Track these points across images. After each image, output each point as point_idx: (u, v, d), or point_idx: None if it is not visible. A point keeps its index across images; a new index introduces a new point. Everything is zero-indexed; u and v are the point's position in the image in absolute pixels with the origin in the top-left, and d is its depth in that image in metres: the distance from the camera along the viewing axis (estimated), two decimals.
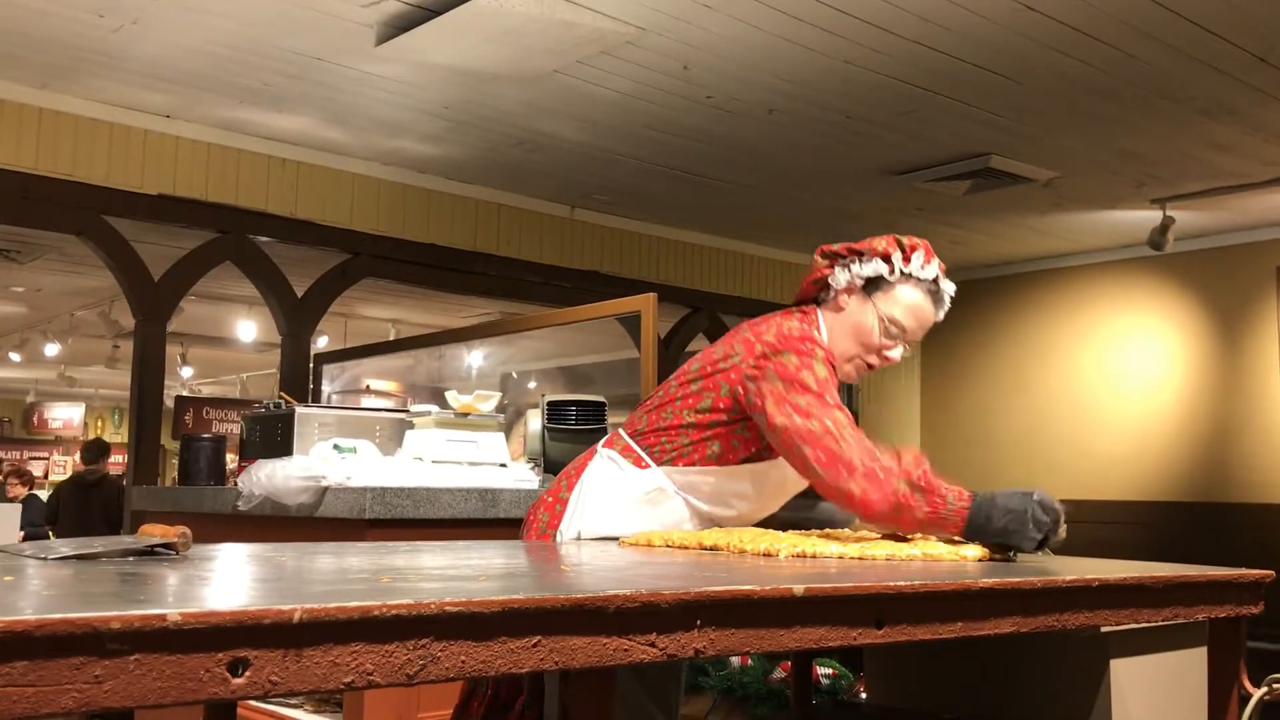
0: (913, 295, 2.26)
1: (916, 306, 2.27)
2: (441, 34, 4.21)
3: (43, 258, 7.45)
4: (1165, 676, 2.25)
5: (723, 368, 2.24)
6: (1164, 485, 7.37)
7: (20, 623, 0.84)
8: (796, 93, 4.88)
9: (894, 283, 2.25)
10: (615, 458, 2.31)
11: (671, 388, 2.33)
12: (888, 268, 2.24)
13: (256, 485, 3.33)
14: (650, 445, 2.29)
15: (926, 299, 2.28)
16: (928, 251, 2.29)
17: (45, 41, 4.49)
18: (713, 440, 2.24)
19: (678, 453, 2.26)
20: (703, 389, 2.26)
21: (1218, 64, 4.51)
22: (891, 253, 2.25)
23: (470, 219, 6.42)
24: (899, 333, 2.27)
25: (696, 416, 2.25)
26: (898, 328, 2.26)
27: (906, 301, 2.26)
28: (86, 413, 17.55)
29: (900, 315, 2.25)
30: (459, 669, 1.06)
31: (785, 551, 1.87)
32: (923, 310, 2.28)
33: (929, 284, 2.27)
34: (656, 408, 2.33)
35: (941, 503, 1.95)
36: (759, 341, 2.20)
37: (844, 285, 2.27)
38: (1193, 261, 7.30)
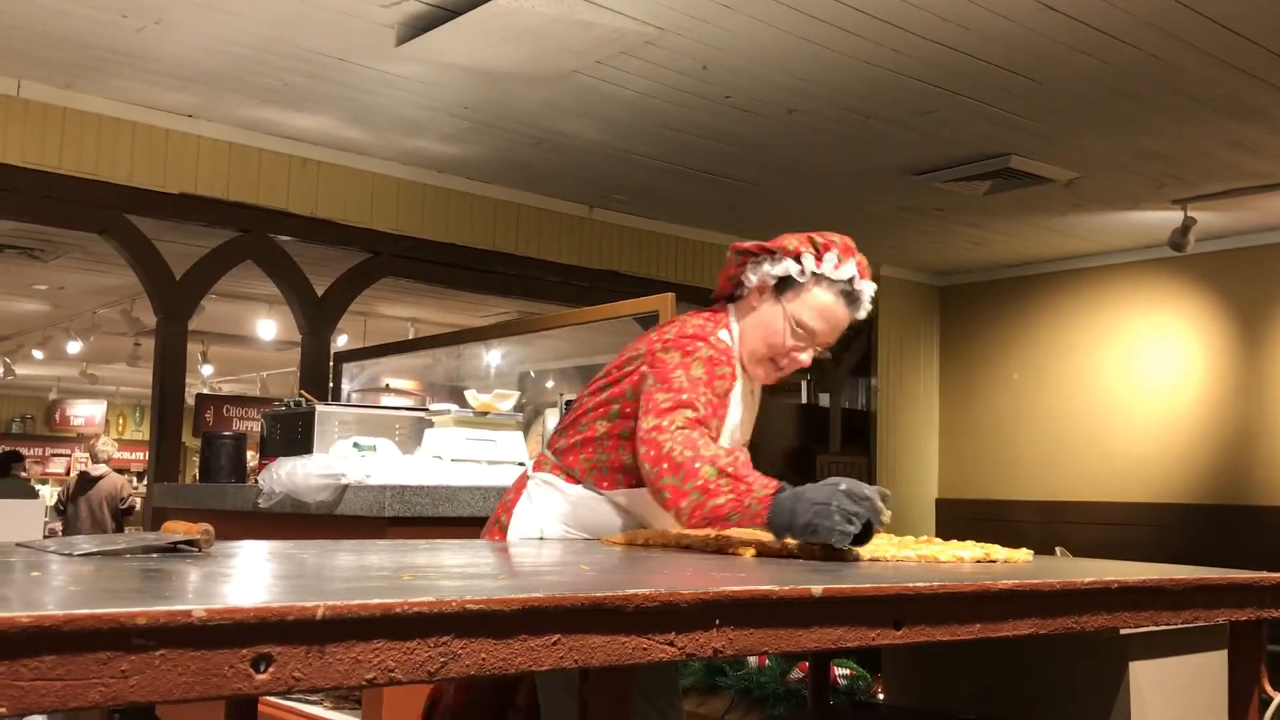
0: (823, 297, 2.17)
1: (826, 308, 2.17)
2: (461, 34, 4.22)
3: (65, 256, 7.51)
4: (1185, 679, 2.24)
5: (628, 370, 2.18)
6: (1184, 487, 7.33)
7: (49, 617, 0.86)
8: (816, 93, 4.87)
9: (804, 284, 2.16)
10: (549, 479, 2.24)
11: (585, 398, 2.26)
12: (798, 268, 2.16)
13: (277, 483, 3.35)
14: (571, 465, 2.22)
15: (839, 300, 2.18)
16: (844, 250, 2.19)
17: (68, 42, 4.52)
18: (626, 449, 2.15)
19: (599, 471, 2.19)
20: (611, 395, 2.19)
21: (1240, 63, 4.48)
22: (803, 252, 2.16)
23: (489, 218, 6.44)
24: (807, 335, 2.18)
25: (608, 425, 2.18)
26: (805, 330, 2.17)
27: (816, 303, 2.17)
28: (108, 410, 17.67)
29: (808, 318, 2.16)
30: (479, 666, 1.07)
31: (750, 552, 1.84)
32: (834, 312, 2.18)
33: (843, 285, 2.18)
34: (573, 422, 2.26)
35: (746, 491, 1.86)
36: (659, 340, 2.15)
37: (755, 284, 2.20)
38: (1214, 262, 7.25)
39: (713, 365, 2.10)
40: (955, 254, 7.94)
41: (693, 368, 2.07)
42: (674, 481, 1.92)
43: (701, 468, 1.90)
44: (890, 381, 8.35)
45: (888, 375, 8.33)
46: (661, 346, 2.13)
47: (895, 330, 8.40)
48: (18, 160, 4.96)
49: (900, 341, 8.44)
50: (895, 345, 8.40)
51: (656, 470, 1.96)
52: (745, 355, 2.21)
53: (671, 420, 1.99)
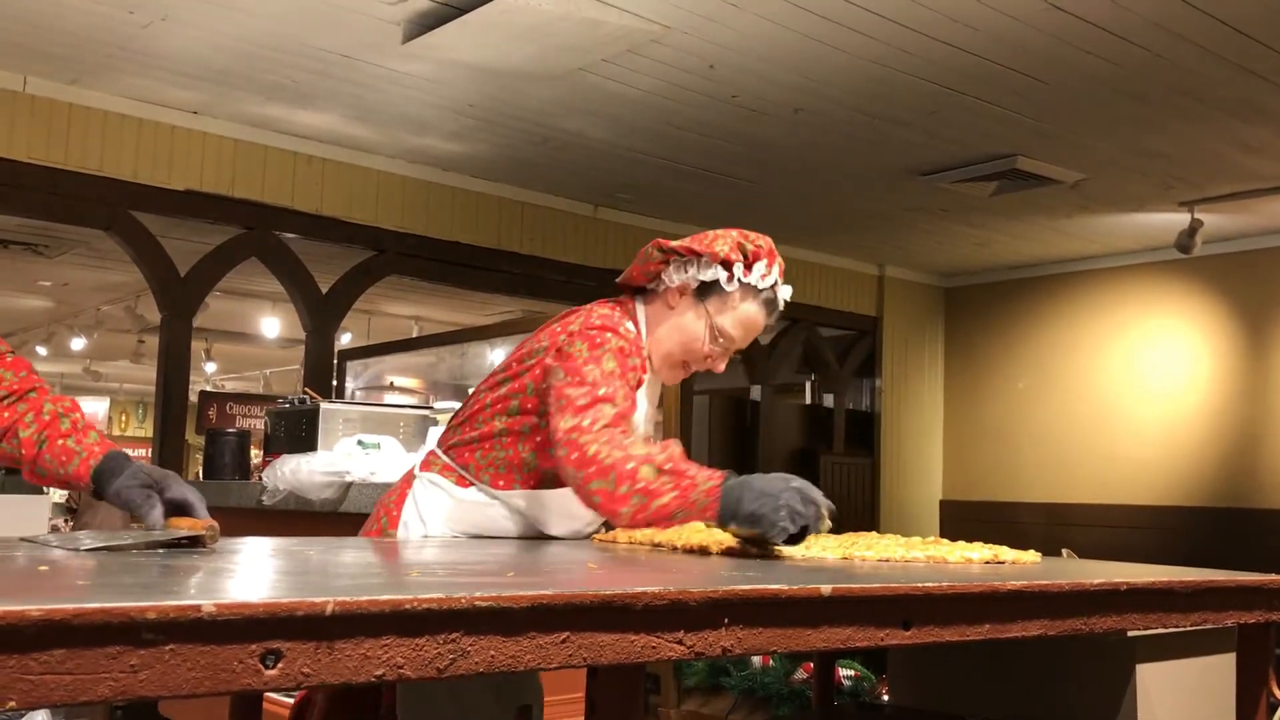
0: (748, 307, 2.13)
1: (748, 317, 2.13)
2: (468, 32, 4.22)
3: (70, 252, 7.52)
4: (1193, 682, 2.23)
5: (529, 364, 2.09)
6: (1190, 490, 7.32)
7: (59, 611, 0.85)
8: (822, 92, 4.87)
9: (730, 292, 2.11)
10: (436, 479, 2.15)
11: (481, 393, 2.17)
12: (726, 275, 2.10)
13: (281, 480, 3.35)
14: (466, 463, 2.13)
15: (761, 309, 2.14)
16: (770, 256, 2.15)
17: (75, 37, 4.52)
18: (529, 450, 2.07)
19: (494, 469, 2.10)
20: (510, 391, 2.10)
21: (1248, 65, 4.47)
22: (734, 260, 2.10)
23: (494, 217, 6.44)
24: (725, 342, 2.14)
25: (507, 421, 2.09)
26: (725, 337, 2.13)
27: (739, 313, 2.12)
28: (111, 407, 17.68)
29: (731, 326, 2.12)
30: (488, 663, 1.06)
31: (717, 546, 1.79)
32: (754, 321, 2.15)
33: (766, 292, 2.14)
34: (469, 417, 2.16)
35: (691, 485, 1.79)
36: (564, 332, 2.06)
37: (677, 285, 2.13)
38: (1220, 265, 7.24)
39: (624, 357, 2.01)
40: (961, 255, 7.94)
41: (604, 360, 1.98)
42: (605, 485, 1.83)
43: (638, 468, 1.81)
44: (895, 382, 8.34)
45: (892, 376, 8.32)
46: (567, 338, 2.03)
47: (900, 331, 8.39)
48: (23, 156, 4.96)
49: (905, 342, 8.43)
50: (900, 346, 8.40)
51: (583, 474, 1.86)
52: (656, 355, 2.15)
53: (592, 419, 1.90)
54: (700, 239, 2.15)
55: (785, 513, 1.70)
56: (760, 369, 7.72)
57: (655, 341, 2.15)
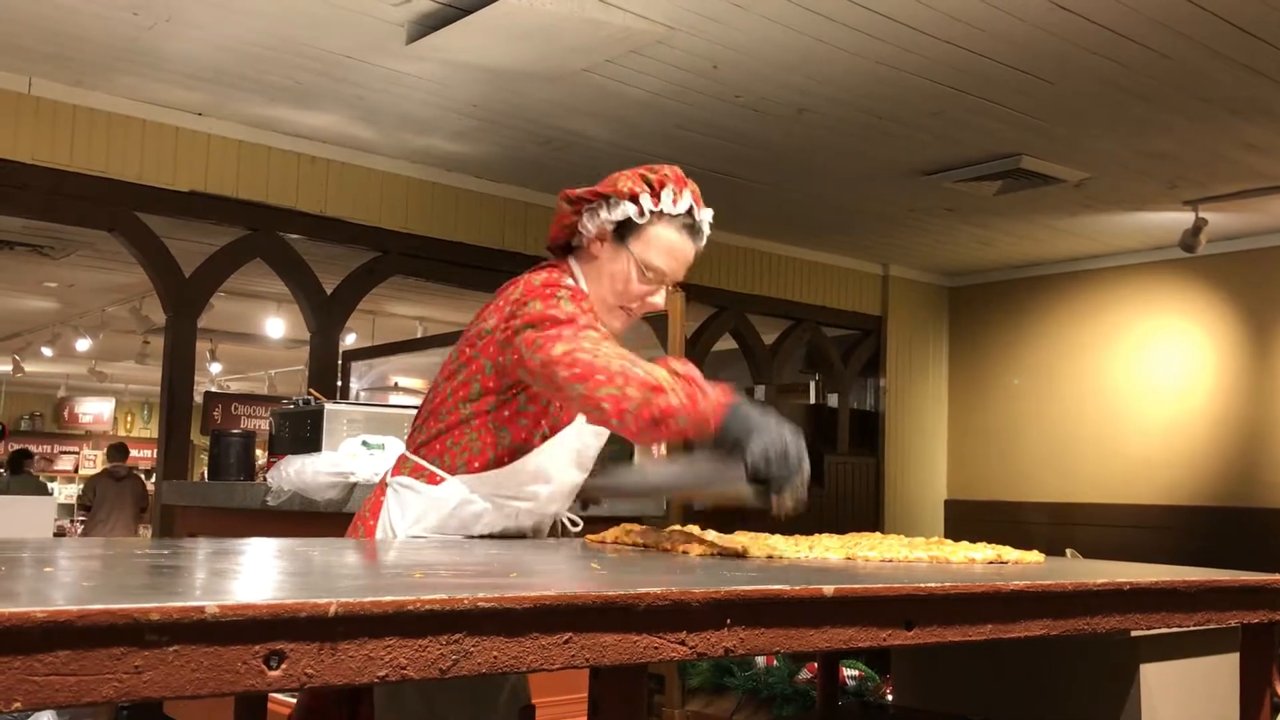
0: (667, 234, 2.08)
1: (672, 246, 2.09)
2: (471, 32, 4.22)
3: (75, 253, 7.53)
4: (1196, 681, 2.23)
5: (480, 344, 2.07)
6: (1194, 489, 7.31)
7: (63, 612, 0.86)
8: (826, 92, 4.87)
9: (645, 224, 2.07)
10: (407, 482, 2.12)
11: (440, 385, 2.14)
12: (636, 209, 2.06)
13: (286, 481, 3.36)
14: (438, 455, 2.10)
15: (683, 234, 2.10)
16: (678, 182, 2.10)
17: (79, 39, 4.53)
18: (499, 426, 2.05)
19: (469, 454, 2.07)
20: (468, 375, 2.08)
21: (1253, 64, 4.46)
22: (639, 192, 2.06)
23: (498, 217, 6.44)
24: (656, 276, 2.10)
25: (473, 406, 2.07)
26: (654, 271, 2.09)
27: (661, 242, 2.08)
28: (116, 408, 17.71)
29: (655, 258, 2.08)
30: (491, 664, 1.06)
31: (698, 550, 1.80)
32: (680, 248, 2.11)
33: (683, 218, 2.10)
34: (432, 413, 2.13)
35: (701, 393, 1.76)
36: (508, 304, 2.04)
37: (594, 232, 2.10)
38: (1224, 264, 7.23)
39: (579, 301, 1.98)
40: (965, 254, 7.93)
41: (563, 305, 1.95)
42: (614, 391, 1.78)
43: (652, 370, 1.78)
44: (899, 382, 8.33)
45: (896, 376, 8.32)
46: (515, 306, 2.01)
47: (904, 331, 8.38)
48: (28, 158, 4.98)
49: (909, 342, 8.43)
50: (904, 346, 8.39)
51: (590, 382, 1.80)
52: (596, 305, 2.09)
53: (585, 335, 1.88)
54: (605, 182, 2.12)
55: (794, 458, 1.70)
56: (764, 369, 7.72)
57: (591, 294, 2.12)
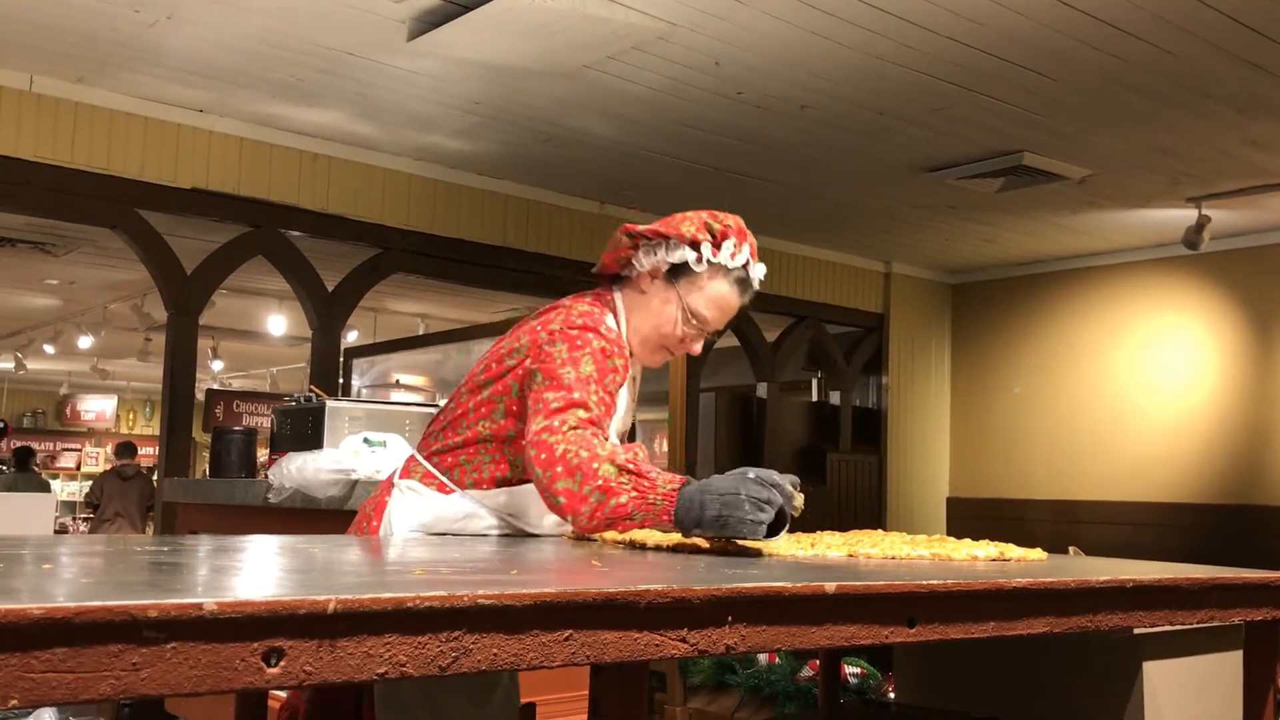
0: (720, 287, 2.10)
1: (722, 298, 2.11)
2: (473, 29, 4.22)
3: (77, 251, 7.53)
4: (1199, 679, 2.23)
5: (510, 365, 2.05)
6: (1197, 487, 7.30)
7: (60, 609, 0.85)
8: (828, 89, 4.86)
9: (700, 273, 2.09)
10: (415, 487, 2.10)
11: (463, 396, 2.12)
12: (695, 256, 2.08)
13: (287, 478, 3.36)
14: (449, 468, 2.09)
15: (734, 289, 2.11)
16: (739, 235, 2.12)
17: (81, 36, 4.53)
18: (516, 455, 2.03)
19: (479, 473, 2.07)
20: (494, 394, 2.06)
21: (1257, 60, 4.45)
22: (700, 241, 2.08)
23: (500, 214, 6.44)
24: (700, 324, 2.11)
25: (492, 427, 2.06)
26: (699, 319, 2.10)
27: (712, 294, 2.10)
28: (118, 405, 17.72)
29: (703, 307, 2.10)
30: (491, 661, 1.06)
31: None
32: (728, 301, 2.12)
33: (738, 272, 2.11)
34: (451, 423, 2.11)
35: (650, 487, 1.76)
36: (544, 330, 2.03)
37: (647, 269, 2.11)
38: (1228, 261, 7.22)
39: (605, 358, 1.97)
40: (967, 251, 7.92)
41: (582, 363, 1.95)
42: (570, 485, 1.79)
43: (600, 467, 1.78)
44: (901, 380, 8.32)
45: (899, 373, 8.31)
46: (548, 338, 2.00)
47: (907, 328, 8.38)
48: (29, 155, 4.97)
49: (912, 339, 8.42)
50: (907, 343, 8.38)
51: (550, 474, 1.82)
52: (635, 341, 2.12)
53: (563, 420, 1.87)
54: (668, 221, 2.13)
55: (750, 506, 1.66)
56: (766, 366, 7.71)
57: (631, 327, 2.14)
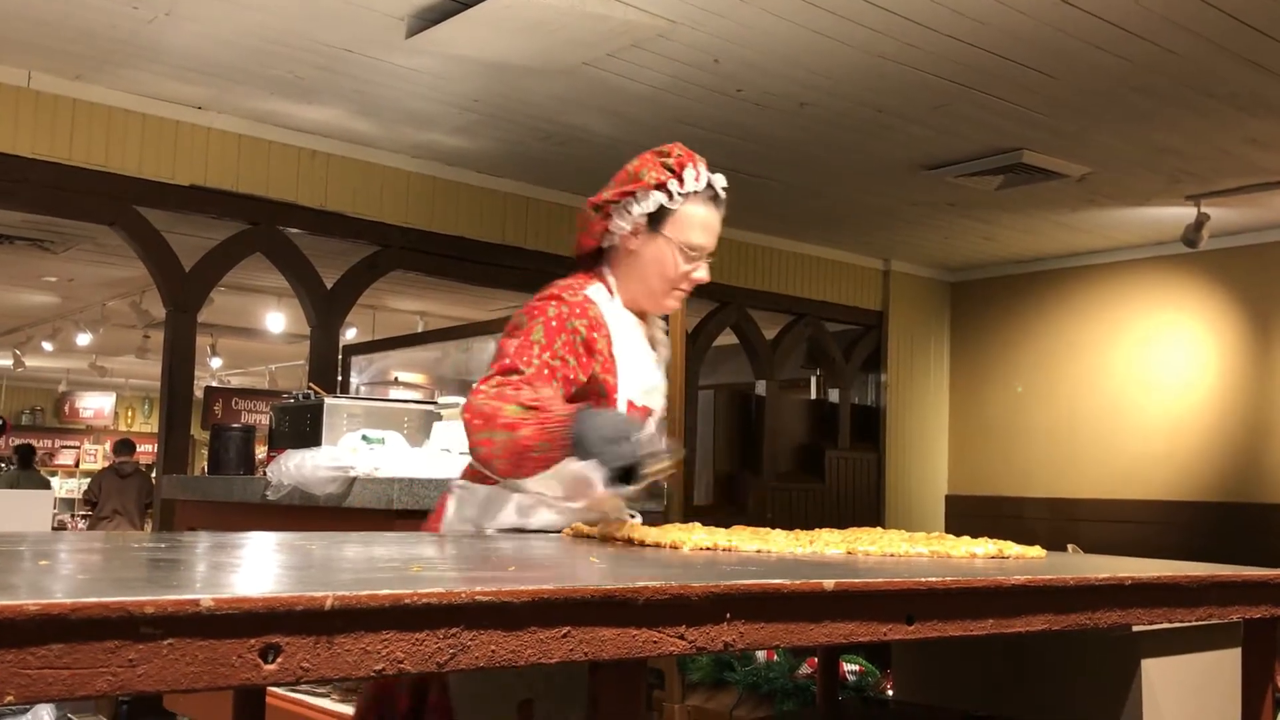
0: (697, 211, 2.17)
1: (704, 220, 2.18)
2: (472, 26, 4.21)
3: (75, 248, 7.53)
4: (1198, 677, 2.23)
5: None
6: (1196, 485, 7.30)
7: (56, 606, 0.85)
8: (828, 86, 4.85)
9: (677, 209, 2.16)
10: (463, 484, 2.19)
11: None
12: (666, 196, 2.15)
13: (285, 475, 3.35)
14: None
15: (709, 206, 2.19)
16: (690, 158, 2.20)
17: (78, 33, 4.52)
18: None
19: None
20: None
21: (1256, 59, 4.45)
22: (665, 180, 2.16)
23: (499, 212, 6.43)
24: (697, 253, 2.18)
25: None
26: (695, 249, 2.17)
27: (695, 220, 2.17)
28: (117, 402, 17.71)
29: (693, 236, 2.16)
30: (489, 658, 1.06)
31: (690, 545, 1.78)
32: (710, 220, 2.19)
33: (706, 192, 2.19)
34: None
35: (548, 418, 1.85)
36: (518, 313, 2.13)
37: (629, 229, 2.18)
38: (1227, 259, 7.21)
39: (559, 321, 2.04)
40: (967, 249, 7.92)
41: (533, 330, 2.03)
42: (483, 434, 1.90)
43: (504, 407, 1.88)
44: (900, 377, 8.32)
45: (898, 371, 8.31)
46: (515, 317, 2.10)
47: (906, 326, 8.37)
48: (28, 152, 4.97)
49: (911, 337, 8.42)
50: (906, 341, 8.38)
51: (469, 429, 1.92)
52: (641, 297, 2.19)
53: (490, 381, 1.96)
54: (622, 178, 2.22)
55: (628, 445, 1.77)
56: (765, 364, 7.71)
57: (635, 287, 2.18)
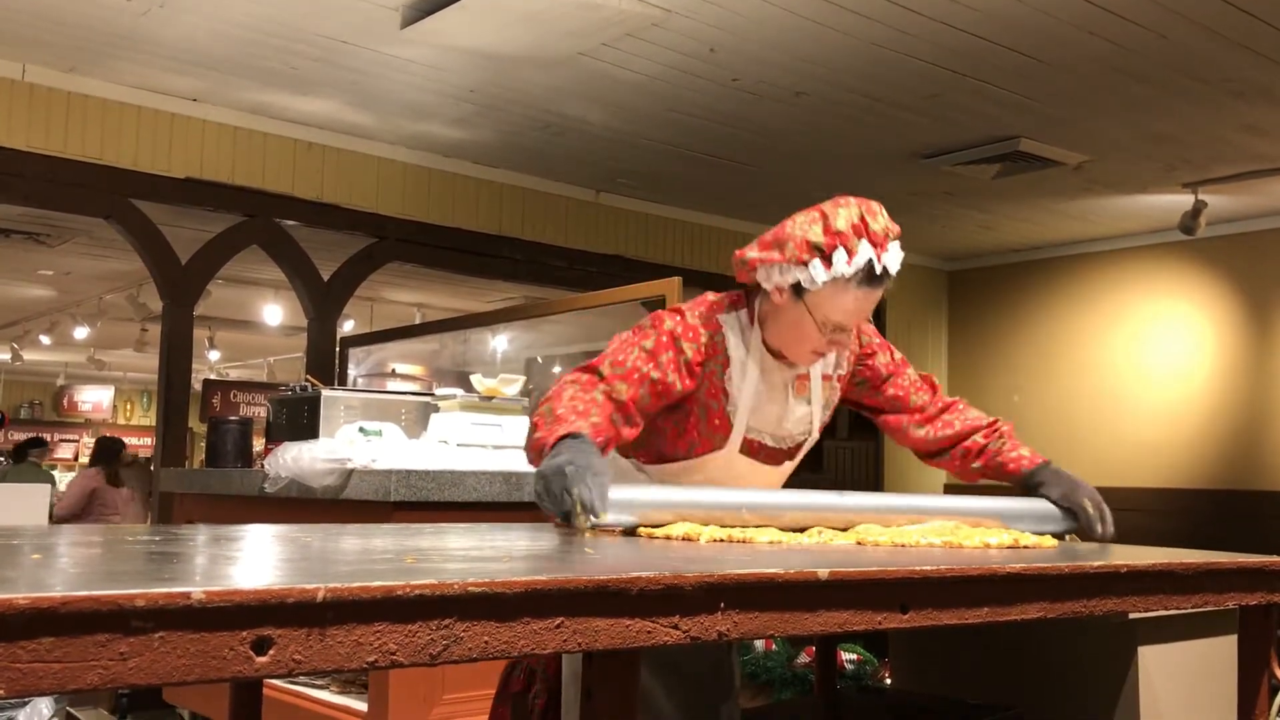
0: (843, 296, 2.01)
1: (850, 303, 2.03)
2: (467, 17, 4.20)
3: (71, 241, 7.52)
4: (1194, 664, 2.23)
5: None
6: (1194, 472, 7.31)
7: (46, 599, 0.85)
8: (823, 75, 4.84)
9: (819, 290, 2.01)
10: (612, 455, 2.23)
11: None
12: (808, 276, 2.01)
13: (283, 468, 3.35)
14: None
15: (861, 288, 2.01)
16: (847, 237, 2.00)
17: (73, 25, 4.51)
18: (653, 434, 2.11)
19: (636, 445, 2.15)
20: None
21: (1253, 45, 4.44)
22: (807, 260, 2.00)
23: (495, 203, 6.42)
24: (838, 328, 2.06)
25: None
26: (834, 327, 2.05)
27: (839, 303, 2.02)
28: (116, 396, 17.70)
29: (834, 314, 2.03)
30: (482, 649, 1.06)
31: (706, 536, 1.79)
32: (860, 301, 2.03)
33: (860, 273, 2.00)
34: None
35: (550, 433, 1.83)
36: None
37: (773, 286, 2.06)
38: (1224, 246, 7.21)
39: (670, 337, 2.03)
40: (964, 238, 7.91)
41: (646, 338, 2.04)
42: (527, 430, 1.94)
43: (543, 406, 1.91)
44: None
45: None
46: (644, 318, 2.12)
47: (903, 315, 8.37)
48: (22, 145, 4.96)
49: (908, 326, 8.42)
50: (903, 330, 8.38)
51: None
52: (781, 346, 2.10)
53: (570, 375, 1.98)
54: (772, 242, 2.08)
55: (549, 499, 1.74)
56: None
57: (773, 335, 2.11)
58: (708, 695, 2.12)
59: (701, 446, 2.11)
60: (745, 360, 2.11)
